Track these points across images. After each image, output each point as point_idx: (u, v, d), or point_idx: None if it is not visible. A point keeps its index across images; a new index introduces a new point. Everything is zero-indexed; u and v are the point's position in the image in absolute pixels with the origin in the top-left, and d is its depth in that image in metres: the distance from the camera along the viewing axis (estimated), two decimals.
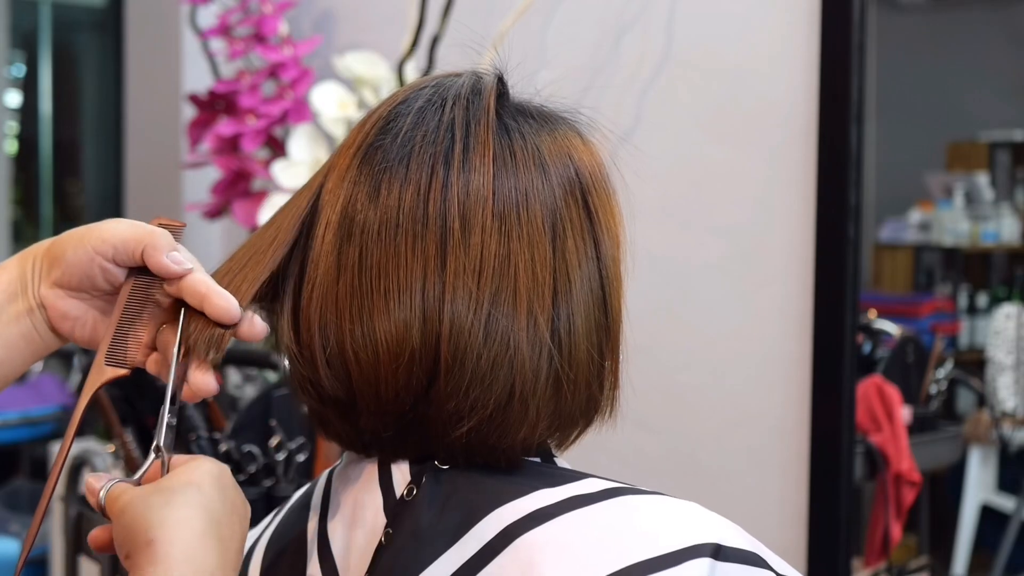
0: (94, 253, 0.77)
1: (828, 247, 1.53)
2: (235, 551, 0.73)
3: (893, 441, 1.70)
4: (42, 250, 0.79)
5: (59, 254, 0.78)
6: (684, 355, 1.71)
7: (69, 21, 4.94)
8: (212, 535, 0.70)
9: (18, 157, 4.68)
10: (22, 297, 0.79)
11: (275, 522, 0.89)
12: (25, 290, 0.79)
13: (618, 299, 0.80)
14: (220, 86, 2.15)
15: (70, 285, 0.78)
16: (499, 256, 0.75)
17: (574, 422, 0.80)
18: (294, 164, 1.96)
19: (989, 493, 1.81)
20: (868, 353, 1.75)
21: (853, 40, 1.51)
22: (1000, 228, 1.85)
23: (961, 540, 1.80)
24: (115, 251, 0.77)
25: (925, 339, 1.85)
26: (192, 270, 0.76)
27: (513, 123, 0.79)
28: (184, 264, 0.77)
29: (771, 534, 1.57)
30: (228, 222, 2.38)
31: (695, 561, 0.69)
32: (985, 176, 1.87)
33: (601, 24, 1.81)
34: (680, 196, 1.71)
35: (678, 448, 1.72)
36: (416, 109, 0.79)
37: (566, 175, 0.79)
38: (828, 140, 1.53)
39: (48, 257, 0.79)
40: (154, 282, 0.78)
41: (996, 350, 1.77)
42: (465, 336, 0.74)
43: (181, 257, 0.77)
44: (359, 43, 2.18)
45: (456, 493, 0.76)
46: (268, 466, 1.71)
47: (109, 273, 0.77)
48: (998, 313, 1.80)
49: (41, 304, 0.79)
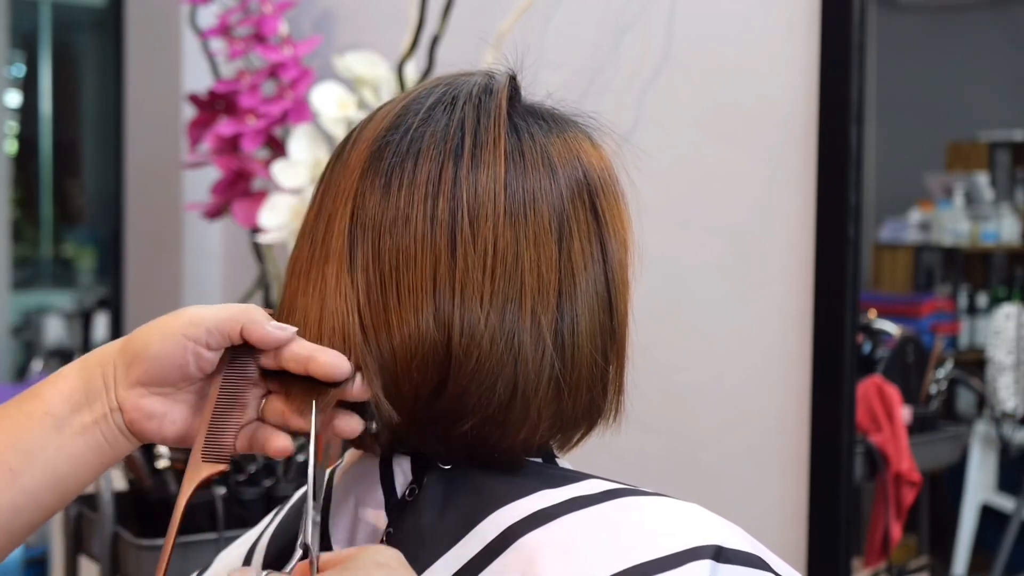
0: (186, 340, 0.73)
1: (828, 247, 1.53)
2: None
3: (893, 441, 1.70)
4: (114, 350, 0.76)
5: (140, 350, 0.74)
6: (684, 355, 1.71)
7: (69, 21, 4.95)
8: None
9: (18, 157, 4.69)
10: (90, 407, 0.75)
11: (275, 522, 0.89)
12: (95, 398, 0.75)
13: (624, 303, 0.80)
14: (220, 86, 2.15)
15: (155, 380, 0.74)
16: (507, 255, 0.75)
17: (576, 424, 0.80)
18: (294, 164, 1.96)
19: (989, 493, 1.81)
20: (868, 353, 1.75)
21: (853, 40, 1.51)
22: (1000, 228, 1.85)
23: (961, 540, 1.80)
24: (209, 334, 0.74)
25: (925, 339, 1.85)
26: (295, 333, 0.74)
27: (523, 123, 0.79)
28: (288, 328, 0.74)
29: (771, 534, 1.58)
30: (228, 222, 2.38)
31: (696, 563, 0.69)
32: (985, 176, 1.87)
33: (601, 24, 1.81)
34: (680, 196, 1.71)
35: (678, 448, 1.72)
36: (427, 106, 0.79)
37: (574, 177, 0.79)
38: (828, 140, 1.53)
39: (125, 356, 0.75)
40: (249, 362, 0.75)
41: (996, 350, 1.77)
42: (476, 334, 0.74)
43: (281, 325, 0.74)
44: (359, 43, 2.18)
45: (457, 493, 0.76)
46: (268, 466, 1.71)
47: (202, 359, 0.74)
48: (998, 313, 1.80)
49: (118, 408, 0.75)
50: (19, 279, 4.30)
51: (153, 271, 2.84)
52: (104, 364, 0.75)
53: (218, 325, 0.74)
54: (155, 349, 0.74)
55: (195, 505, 1.67)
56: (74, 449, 0.74)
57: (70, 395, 0.75)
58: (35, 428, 0.74)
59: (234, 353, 0.75)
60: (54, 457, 0.74)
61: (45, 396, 0.75)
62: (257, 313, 0.75)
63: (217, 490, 1.67)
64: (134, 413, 0.75)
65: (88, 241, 4.78)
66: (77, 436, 0.74)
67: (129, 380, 0.74)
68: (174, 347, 0.73)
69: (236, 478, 1.69)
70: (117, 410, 0.75)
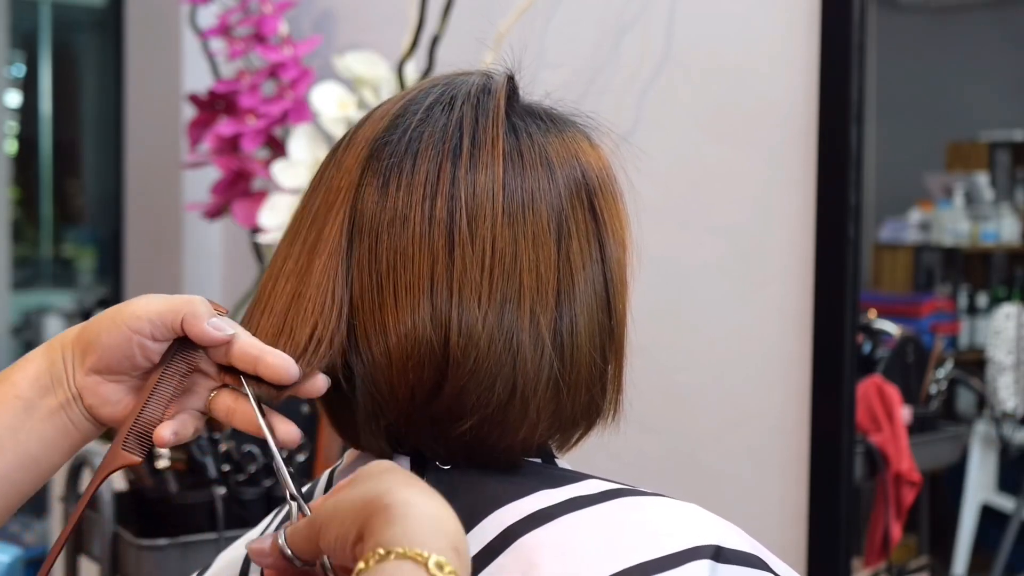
0: (130, 332, 0.74)
1: (828, 247, 1.53)
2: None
3: (893, 441, 1.70)
4: (71, 338, 0.77)
5: (92, 339, 0.75)
6: (684, 355, 1.71)
7: (69, 21, 4.95)
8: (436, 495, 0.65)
9: (18, 157, 4.68)
10: (55, 390, 0.76)
11: (275, 522, 0.89)
12: (59, 382, 0.76)
13: (623, 303, 0.80)
14: (220, 86, 2.15)
15: (108, 369, 0.75)
16: (505, 254, 0.75)
17: (575, 424, 0.80)
18: (294, 164, 1.96)
19: (989, 493, 1.81)
20: (868, 353, 1.75)
21: (853, 40, 1.51)
22: (1000, 228, 1.85)
23: (961, 540, 1.80)
24: (152, 326, 0.74)
25: (925, 339, 1.85)
26: (236, 335, 0.75)
27: (521, 123, 0.79)
28: (226, 329, 0.74)
29: (771, 534, 1.58)
30: (228, 222, 2.38)
31: (696, 563, 0.69)
32: (985, 176, 1.87)
33: (601, 24, 1.81)
34: (680, 196, 1.71)
35: (678, 448, 1.72)
36: (426, 106, 0.79)
37: (572, 177, 0.79)
38: (828, 140, 1.53)
39: (79, 344, 0.76)
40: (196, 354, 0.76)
41: (996, 350, 1.77)
42: (474, 334, 0.74)
43: (222, 323, 0.75)
44: (359, 43, 2.18)
45: (456, 494, 0.76)
46: (268, 466, 1.71)
47: (148, 350, 0.75)
48: (998, 313, 1.80)
49: (78, 394, 0.76)
50: (19, 279, 4.30)
51: (153, 271, 2.84)
52: (64, 349, 0.77)
53: (160, 316, 0.74)
54: (104, 339, 0.75)
55: (195, 505, 1.67)
56: (44, 432, 0.76)
57: (37, 378, 0.76)
58: (6, 412, 0.75)
59: (182, 344, 0.76)
60: (26, 440, 0.75)
61: (14, 379, 0.76)
62: (200, 307, 0.75)
63: (217, 490, 1.67)
64: (92, 399, 0.76)
65: (88, 241, 4.78)
66: (46, 419, 0.76)
67: (85, 367, 0.76)
68: (120, 338, 0.74)
69: (236, 478, 1.69)
70: (78, 396, 0.76)
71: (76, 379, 0.76)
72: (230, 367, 0.76)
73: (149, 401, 0.76)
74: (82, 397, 0.76)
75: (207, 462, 1.68)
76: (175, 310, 0.74)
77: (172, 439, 0.76)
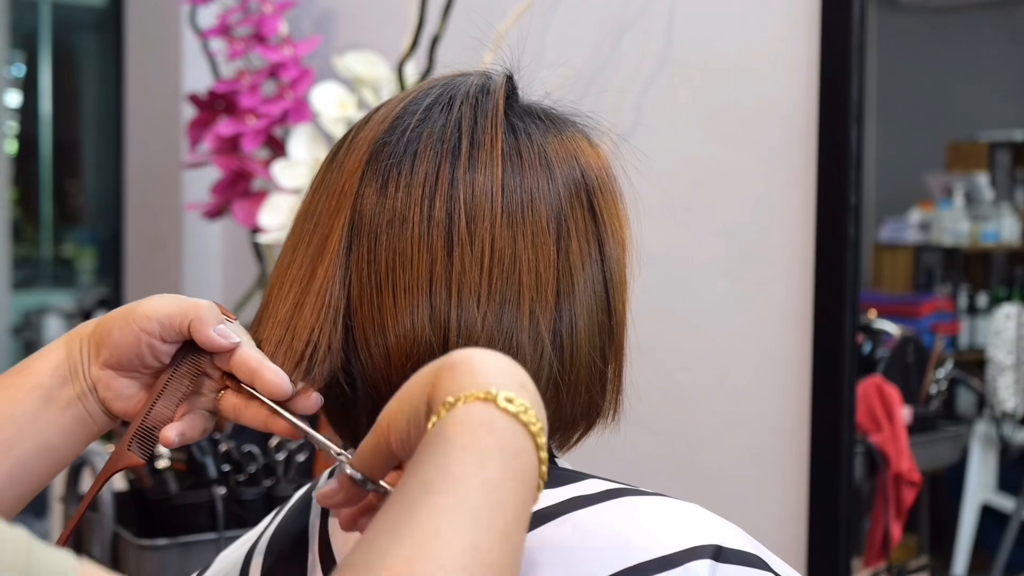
0: (140, 331, 0.75)
1: (828, 247, 1.53)
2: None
3: (893, 441, 1.70)
4: (88, 331, 0.78)
5: (105, 335, 0.76)
6: (684, 355, 1.71)
7: (69, 21, 4.95)
8: (495, 351, 0.65)
9: (18, 157, 4.69)
10: (73, 381, 0.77)
11: (275, 522, 0.89)
12: (76, 373, 0.77)
13: (622, 303, 0.80)
14: (220, 86, 2.15)
15: (120, 365, 0.77)
16: (504, 255, 0.75)
17: (575, 424, 0.80)
18: (294, 164, 1.96)
19: (989, 493, 1.81)
20: (868, 353, 1.75)
21: (853, 40, 1.51)
22: (1000, 228, 1.85)
23: (961, 540, 1.80)
24: (161, 327, 0.75)
25: (925, 339, 1.85)
26: (240, 343, 0.75)
27: (520, 123, 0.79)
28: (231, 337, 0.75)
29: (771, 534, 1.58)
30: (228, 222, 2.38)
31: (696, 562, 0.69)
32: (985, 176, 1.87)
33: (601, 24, 1.81)
34: (680, 196, 1.71)
35: (678, 448, 1.72)
36: (424, 107, 0.79)
37: (572, 177, 0.79)
38: (828, 140, 1.53)
39: (95, 338, 0.77)
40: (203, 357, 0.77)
41: (996, 350, 1.77)
42: (474, 334, 0.74)
43: (228, 331, 0.76)
44: (359, 43, 2.18)
45: None
46: (268, 466, 1.71)
47: (157, 350, 0.76)
48: (998, 313, 1.80)
49: (93, 387, 0.77)
50: (19, 279, 4.30)
51: (153, 271, 2.84)
52: (82, 341, 0.78)
53: (169, 319, 0.75)
54: (116, 336, 0.76)
55: (195, 505, 1.67)
56: (62, 421, 0.77)
57: (57, 368, 0.77)
58: (26, 400, 0.76)
59: (192, 347, 0.77)
60: (45, 429, 0.76)
61: (35, 368, 0.77)
62: (208, 312, 0.76)
63: (217, 490, 1.67)
64: (106, 392, 0.77)
65: (88, 241, 4.79)
66: (64, 409, 0.77)
67: (99, 362, 0.77)
68: (131, 336, 0.76)
69: (236, 478, 1.69)
70: (93, 388, 0.77)
71: (91, 372, 0.77)
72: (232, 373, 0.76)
73: (157, 402, 0.77)
74: (97, 390, 0.77)
75: (207, 462, 1.68)
76: (183, 313, 0.75)
77: (178, 440, 0.77)
